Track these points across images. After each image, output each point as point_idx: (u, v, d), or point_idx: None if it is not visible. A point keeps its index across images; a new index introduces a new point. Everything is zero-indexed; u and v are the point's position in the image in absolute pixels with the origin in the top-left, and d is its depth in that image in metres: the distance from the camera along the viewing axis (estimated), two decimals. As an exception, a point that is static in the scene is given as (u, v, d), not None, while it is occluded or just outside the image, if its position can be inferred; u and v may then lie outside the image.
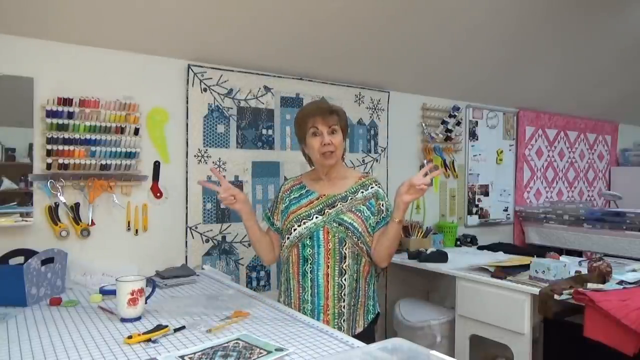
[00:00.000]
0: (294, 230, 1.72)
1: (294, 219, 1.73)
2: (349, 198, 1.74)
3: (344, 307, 1.69)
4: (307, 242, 1.70)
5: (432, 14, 2.67)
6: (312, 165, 1.88)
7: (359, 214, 1.71)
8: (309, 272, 1.70)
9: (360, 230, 1.69)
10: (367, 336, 1.72)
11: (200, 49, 2.31)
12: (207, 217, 2.39)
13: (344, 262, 1.69)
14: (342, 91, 2.85)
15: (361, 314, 1.74)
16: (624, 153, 4.87)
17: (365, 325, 1.75)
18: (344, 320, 1.70)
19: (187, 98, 2.33)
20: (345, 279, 1.69)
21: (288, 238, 1.74)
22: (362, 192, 1.76)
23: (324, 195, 1.76)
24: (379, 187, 1.81)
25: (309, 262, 1.70)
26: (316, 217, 1.71)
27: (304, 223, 1.71)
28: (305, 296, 1.71)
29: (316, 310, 1.69)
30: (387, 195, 1.84)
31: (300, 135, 1.79)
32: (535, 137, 4.06)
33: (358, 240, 1.70)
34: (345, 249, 1.69)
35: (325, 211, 1.71)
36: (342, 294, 1.69)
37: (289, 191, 1.83)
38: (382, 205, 1.77)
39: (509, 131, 3.86)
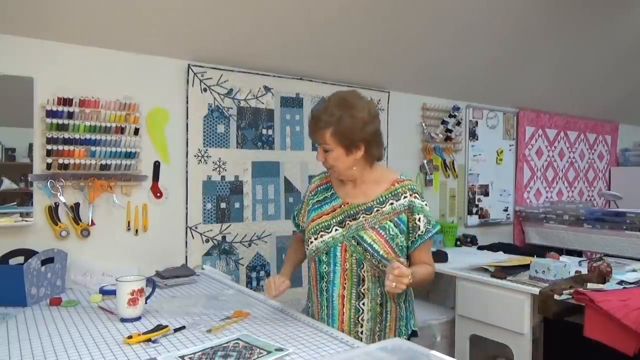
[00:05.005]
0: (311, 243, 1.54)
1: (312, 230, 1.55)
2: (375, 209, 1.51)
3: (361, 333, 1.50)
4: (324, 258, 1.52)
5: (432, 13, 2.67)
6: None
7: (383, 233, 1.48)
8: (325, 290, 1.53)
9: (381, 252, 1.46)
10: None
11: (200, 49, 2.31)
12: (207, 217, 2.39)
13: (362, 285, 1.49)
14: (342, 91, 2.85)
15: (392, 337, 1.54)
16: (624, 153, 4.86)
17: None
18: None
19: (187, 98, 2.33)
20: (364, 303, 1.50)
21: (307, 248, 1.58)
22: (392, 204, 1.51)
23: (347, 203, 1.54)
24: (415, 197, 1.53)
25: (325, 280, 1.53)
26: (335, 230, 1.51)
27: (322, 236, 1.52)
28: (322, 314, 1.55)
29: None
30: (426, 205, 1.56)
31: None
32: (535, 137, 4.06)
33: (379, 263, 1.47)
34: (364, 272, 1.49)
35: (346, 223, 1.51)
36: (360, 319, 1.50)
37: (313, 192, 1.64)
38: (419, 220, 1.52)
39: (509, 131, 3.86)
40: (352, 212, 1.52)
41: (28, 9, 1.84)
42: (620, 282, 2.10)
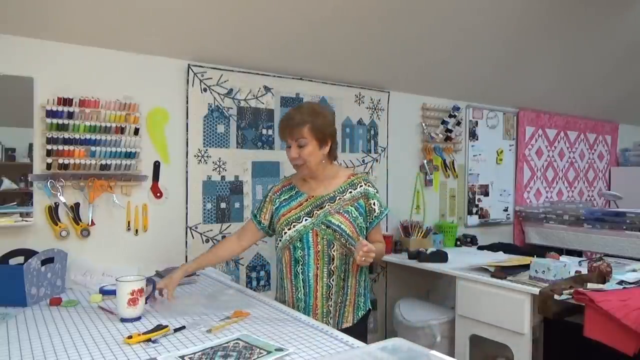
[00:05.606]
0: (285, 233, 1.74)
1: (284, 223, 1.75)
2: (337, 198, 1.75)
3: (331, 306, 1.73)
4: (298, 244, 1.72)
5: (432, 13, 2.67)
6: None
7: (347, 216, 1.72)
8: (300, 273, 1.73)
9: (348, 232, 1.70)
10: (357, 331, 1.73)
11: (200, 49, 2.31)
12: (207, 217, 2.39)
13: (333, 264, 1.71)
14: (342, 91, 2.85)
15: (350, 311, 1.77)
16: (624, 153, 4.86)
17: (355, 321, 1.77)
18: (330, 318, 1.73)
19: (187, 98, 2.33)
20: (333, 280, 1.72)
21: (280, 240, 1.76)
22: (351, 192, 1.76)
23: (313, 196, 1.77)
24: (369, 185, 1.80)
25: (300, 263, 1.72)
26: (305, 220, 1.72)
27: (294, 226, 1.72)
28: (299, 295, 1.74)
29: (307, 308, 1.73)
30: (378, 193, 1.83)
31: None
32: (535, 137, 4.06)
33: (346, 242, 1.71)
34: (333, 251, 1.71)
35: (314, 213, 1.73)
36: (330, 294, 1.73)
37: (278, 192, 1.84)
38: (374, 204, 1.78)
39: (509, 131, 3.86)
40: (317, 202, 1.75)
41: (28, 9, 1.84)
42: (620, 282, 2.10)
